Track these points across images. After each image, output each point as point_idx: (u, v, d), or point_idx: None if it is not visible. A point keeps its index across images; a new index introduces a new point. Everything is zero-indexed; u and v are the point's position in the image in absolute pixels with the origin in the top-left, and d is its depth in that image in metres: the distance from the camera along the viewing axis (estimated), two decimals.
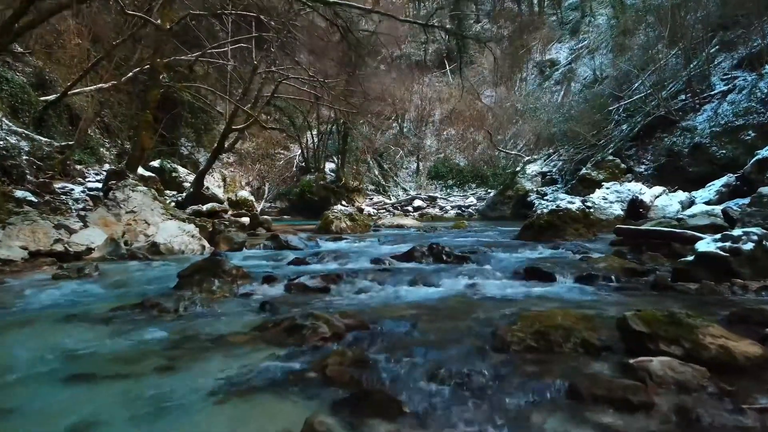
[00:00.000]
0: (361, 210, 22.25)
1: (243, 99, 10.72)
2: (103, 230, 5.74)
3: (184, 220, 7.44)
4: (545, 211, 7.22)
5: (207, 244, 6.39)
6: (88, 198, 7.41)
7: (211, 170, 15.67)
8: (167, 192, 12.21)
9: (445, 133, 28.89)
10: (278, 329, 2.42)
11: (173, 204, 11.57)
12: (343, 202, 12.90)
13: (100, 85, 9.67)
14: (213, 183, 15.11)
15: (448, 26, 36.33)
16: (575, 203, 7.64)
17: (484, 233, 8.72)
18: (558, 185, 19.36)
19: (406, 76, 30.96)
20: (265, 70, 11.00)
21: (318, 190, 21.58)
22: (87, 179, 9.25)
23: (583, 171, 17.27)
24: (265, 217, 10.37)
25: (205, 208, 9.12)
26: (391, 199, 24.02)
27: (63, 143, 8.61)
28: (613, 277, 3.91)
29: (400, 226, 10.34)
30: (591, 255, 5.04)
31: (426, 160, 27.04)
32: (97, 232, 5.67)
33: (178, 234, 6.21)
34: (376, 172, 26.73)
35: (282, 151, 26.54)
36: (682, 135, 15.89)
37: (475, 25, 37.42)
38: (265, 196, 23.16)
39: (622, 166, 16.71)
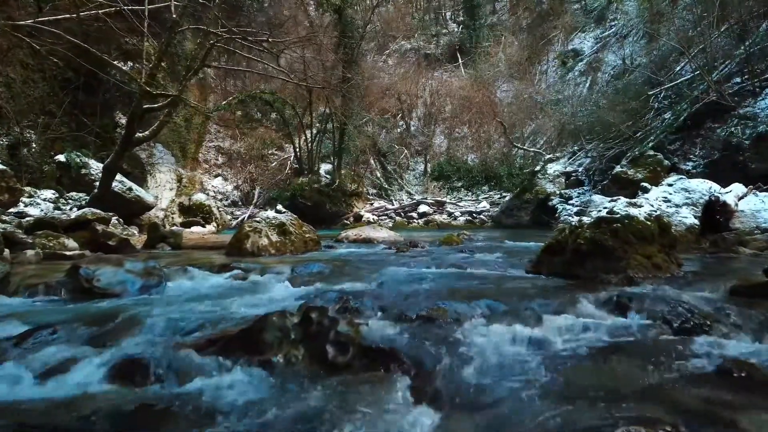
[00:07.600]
0: (359, 216, 19.55)
1: (157, 66, 7.73)
2: None
3: None
4: (585, 220, 3.79)
5: None
6: None
7: (157, 168, 12.78)
8: (74, 193, 9.30)
9: (456, 131, 26.01)
10: None
11: (75, 209, 8.64)
12: (280, 206, 9.95)
13: None
14: (154, 184, 12.20)
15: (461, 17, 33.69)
16: (643, 206, 4.25)
17: (481, 254, 5.45)
18: (585, 187, 16.44)
19: (414, 70, 28.26)
20: (190, 26, 7.98)
21: (311, 194, 18.97)
22: None
23: (617, 169, 14.24)
24: (175, 228, 7.28)
25: (74, 215, 6.11)
26: (393, 204, 21.51)
27: None
28: None
29: (367, 241, 7.19)
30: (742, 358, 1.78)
31: (434, 160, 24.21)
32: None
33: None
34: (379, 174, 24.11)
35: (276, 152, 24.06)
36: (740, 124, 13.08)
37: (491, 16, 34.53)
38: (255, 201, 20.83)
39: (665, 162, 13.75)
